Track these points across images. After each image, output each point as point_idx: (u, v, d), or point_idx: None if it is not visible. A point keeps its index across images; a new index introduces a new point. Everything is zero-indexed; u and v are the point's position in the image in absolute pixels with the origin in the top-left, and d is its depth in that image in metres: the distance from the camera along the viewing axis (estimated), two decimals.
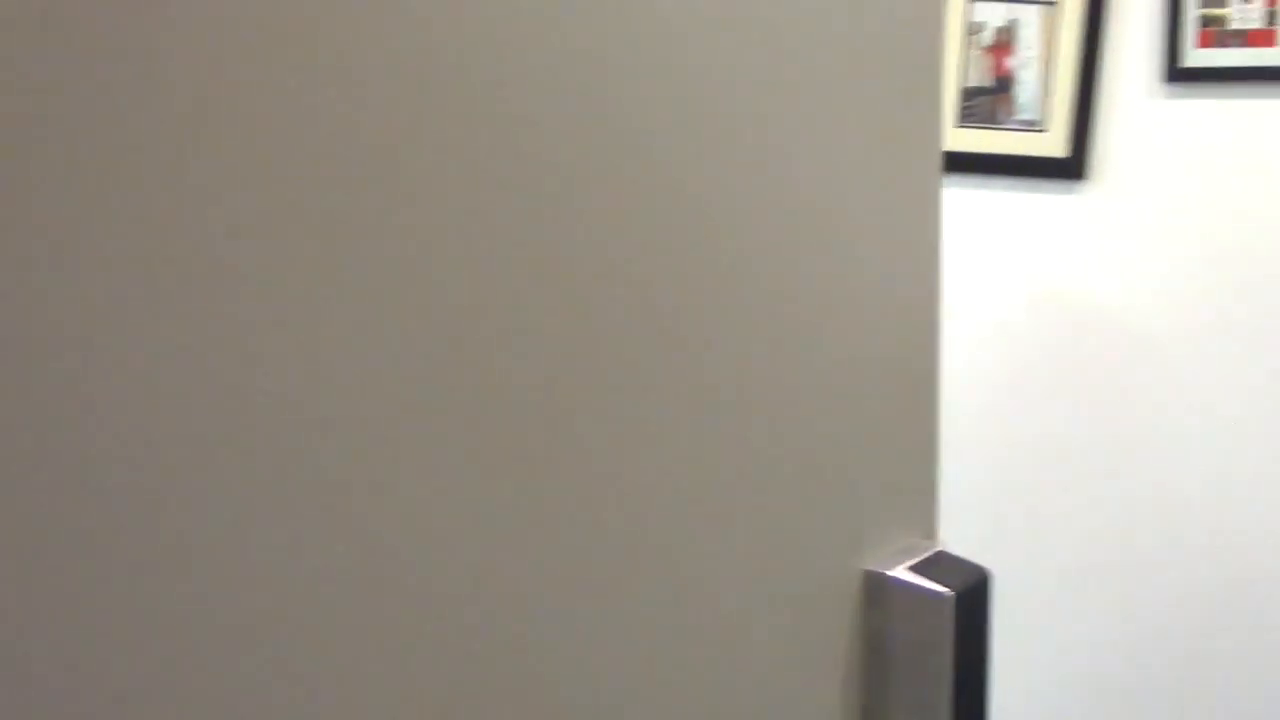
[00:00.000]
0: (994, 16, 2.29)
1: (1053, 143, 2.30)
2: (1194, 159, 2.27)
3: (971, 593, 0.57)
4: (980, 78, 2.30)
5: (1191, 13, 2.26)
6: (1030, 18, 2.28)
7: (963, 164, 2.30)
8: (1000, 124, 2.29)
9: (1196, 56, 2.26)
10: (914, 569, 0.58)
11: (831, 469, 0.57)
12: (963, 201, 2.34)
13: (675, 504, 0.51)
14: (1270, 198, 2.25)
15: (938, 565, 0.58)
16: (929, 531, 0.60)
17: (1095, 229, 2.30)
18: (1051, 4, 2.28)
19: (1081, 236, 2.30)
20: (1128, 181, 2.28)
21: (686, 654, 0.52)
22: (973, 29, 2.29)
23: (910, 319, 0.57)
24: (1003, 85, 2.30)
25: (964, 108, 2.30)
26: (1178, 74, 2.25)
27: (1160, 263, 2.28)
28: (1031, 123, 2.30)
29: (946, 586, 0.57)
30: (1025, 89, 2.30)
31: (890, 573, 0.57)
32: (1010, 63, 2.31)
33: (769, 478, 0.55)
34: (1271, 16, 2.25)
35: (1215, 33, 2.25)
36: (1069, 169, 2.29)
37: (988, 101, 2.30)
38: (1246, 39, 2.24)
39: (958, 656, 0.57)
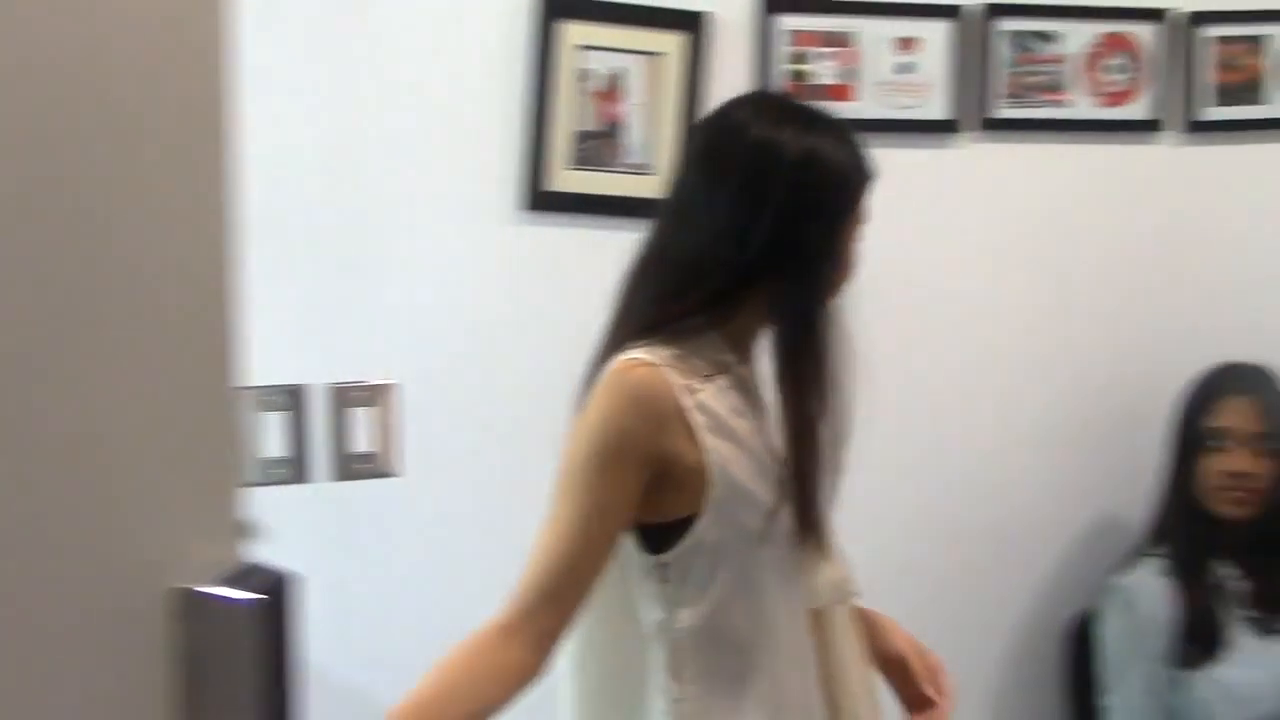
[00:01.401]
0: (602, 64, 2.40)
1: (660, 184, 2.42)
2: None
3: (275, 598, 0.61)
4: (591, 122, 2.41)
5: (778, 68, 2.43)
6: (636, 67, 2.40)
7: (575, 204, 2.40)
8: (610, 166, 2.40)
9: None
10: (223, 582, 0.61)
11: (137, 490, 0.60)
12: (579, 241, 2.43)
13: None
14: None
15: (247, 576, 0.62)
16: (241, 545, 0.63)
17: None
18: (656, 54, 2.41)
19: None
20: None
21: None
22: (582, 76, 2.39)
23: (207, 350, 0.61)
24: (612, 130, 2.41)
25: (576, 150, 2.40)
26: None
27: None
28: (641, 165, 2.42)
29: (253, 594, 0.61)
30: (633, 134, 2.42)
31: (198, 588, 0.60)
32: (619, 109, 2.42)
33: (68, 503, 0.57)
34: (851, 75, 2.44)
35: (801, 87, 2.43)
36: None
37: (597, 145, 2.41)
38: (827, 93, 2.44)
39: (264, 657, 0.61)
